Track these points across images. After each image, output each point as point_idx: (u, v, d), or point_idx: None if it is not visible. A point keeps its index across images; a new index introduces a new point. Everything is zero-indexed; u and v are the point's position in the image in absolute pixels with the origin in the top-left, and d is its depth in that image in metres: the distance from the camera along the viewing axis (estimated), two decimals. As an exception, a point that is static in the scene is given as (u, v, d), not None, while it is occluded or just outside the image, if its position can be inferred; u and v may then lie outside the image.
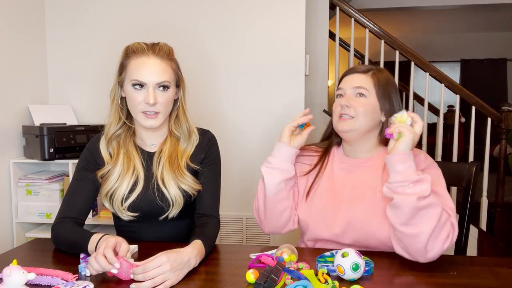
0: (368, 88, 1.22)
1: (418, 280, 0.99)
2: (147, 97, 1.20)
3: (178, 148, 1.31)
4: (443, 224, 1.04)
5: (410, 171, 1.06)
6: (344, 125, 1.22)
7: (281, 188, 1.25)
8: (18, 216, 2.22)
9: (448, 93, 3.12)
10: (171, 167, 1.27)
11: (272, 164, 1.26)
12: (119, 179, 1.26)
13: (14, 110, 2.24)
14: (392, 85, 1.27)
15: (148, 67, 1.21)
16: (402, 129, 1.09)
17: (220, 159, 1.38)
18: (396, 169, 1.07)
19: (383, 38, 3.15)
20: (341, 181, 1.26)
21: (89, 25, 2.47)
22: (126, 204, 1.25)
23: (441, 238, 1.04)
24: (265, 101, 2.40)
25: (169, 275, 0.96)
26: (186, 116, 1.32)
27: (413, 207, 1.03)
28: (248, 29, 2.38)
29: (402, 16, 5.58)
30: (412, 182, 1.04)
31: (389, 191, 1.08)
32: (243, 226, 2.46)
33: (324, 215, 1.24)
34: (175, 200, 1.26)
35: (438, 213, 1.03)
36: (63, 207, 1.27)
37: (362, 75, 1.24)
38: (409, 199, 1.03)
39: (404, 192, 1.04)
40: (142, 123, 1.24)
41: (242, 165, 2.43)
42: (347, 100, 1.22)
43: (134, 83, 1.21)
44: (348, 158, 1.29)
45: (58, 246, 1.21)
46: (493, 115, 2.98)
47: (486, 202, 3.01)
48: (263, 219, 1.30)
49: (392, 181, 1.07)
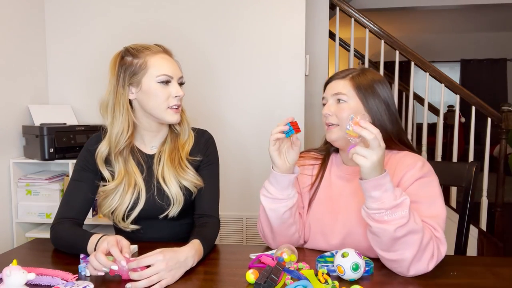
0: (346, 92, 1.17)
1: (418, 280, 0.99)
2: (176, 90, 1.23)
3: (179, 142, 1.31)
4: (425, 245, 0.99)
5: (386, 196, 0.97)
6: (332, 134, 1.18)
7: (287, 216, 1.17)
8: (18, 216, 2.22)
9: (448, 93, 3.12)
10: (172, 164, 1.27)
11: (272, 194, 1.16)
12: (120, 198, 1.25)
13: (14, 110, 2.23)
14: (378, 83, 1.19)
15: (171, 62, 1.26)
16: (357, 159, 0.97)
17: (218, 160, 1.37)
18: (371, 195, 0.99)
19: (383, 38, 3.15)
20: (339, 189, 1.23)
21: (89, 25, 2.47)
22: (128, 221, 1.26)
23: (425, 260, 1.00)
24: (265, 101, 2.40)
25: (164, 274, 0.96)
26: (185, 113, 1.33)
27: (391, 238, 0.98)
28: (248, 29, 2.38)
29: (402, 16, 5.58)
30: (389, 209, 0.97)
31: (366, 216, 1.01)
32: (243, 226, 2.46)
33: (322, 226, 1.21)
34: (176, 198, 1.25)
35: (419, 239, 0.98)
36: (62, 208, 1.26)
37: (340, 81, 1.20)
38: (387, 229, 0.97)
39: (382, 220, 0.98)
40: (168, 119, 1.24)
41: (242, 165, 2.43)
42: (328, 108, 1.19)
43: (162, 79, 1.22)
44: (345, 166, 1.25)
45: (58, 246, 1.21)
46: (493, 115, 2.98)
47: (486, 202, 3.01)
48: (272, 242, 1.24)
49: (368, 207, 1.00)
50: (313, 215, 1.24)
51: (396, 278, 1.01)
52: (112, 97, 1.24)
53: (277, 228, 1.18)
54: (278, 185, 1.15)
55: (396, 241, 0.98)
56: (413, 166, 1.12)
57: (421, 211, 1.05)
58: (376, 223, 0.99)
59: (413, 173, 1.11)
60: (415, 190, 1.08)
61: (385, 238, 0.98)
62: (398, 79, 3.23)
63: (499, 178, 2.95)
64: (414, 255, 0.98)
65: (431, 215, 1.06)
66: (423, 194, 1.08)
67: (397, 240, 0.98)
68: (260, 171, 2.38)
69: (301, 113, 2.39)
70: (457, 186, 2.58)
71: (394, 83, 3.21)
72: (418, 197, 1.07)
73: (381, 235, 0.99)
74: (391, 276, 1.02)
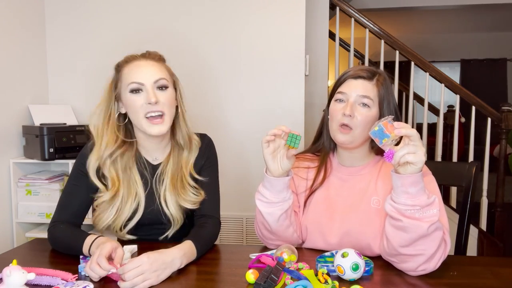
0: (373, 98, 1.14)
1: (418, 280, 0.99)
2: (147, 97, 1.16)
3: (181, 159, 1.28)
4: (440, 244, 1.00)
5: (421, 194, 0.96)
6: (346, 138, 1.15)
7: (283, 218, 1.15)
8: (18, 216, 2.22)
9: (448, 93, 3.12)
10: (174, 188, 1.24)
11: (267, 198, 1.14)
12: (119, 210, 1.23)
13: (14, 110, 2.23)
14: (391, 89, 1.20)
15: (143, 67, 1.20)
16: (408, 158, 0.93)
17: (217, 161, 1.37)
18: (407, 191, 0.96)
19: (383, 38, 3.15)
20: (336, 190, 1.23)
21: (89, 25, 2.47)
22: (125, 230, 1.25)
23: (436, 259, 1.00)
24: (265, 101, 2.40)
25: (148, 275, 0.96)
26: (185, 121, 1.28)
27: (421, 234, 0.97)
28: (248, 29, 2.38)
29: (402, 16, 5.58)
30: (424, 206, 0.96)
31: (395, 212, 0.99)
32: (243, 226, 2.46)
33: (320, 226, 1.20)
34: (176, 220, 1.25)
35: (441, 235, 0.99)
36: (59, 210, 1.25)
37: (367, 83, 1.15)
38: (420, 226, 0.96)
39: (413, 216, 0.96)
40: (149, 131, 1.18)
41: (242, 165, 2.43)
42: (351, 109, 1.13)
43: (132, 88, 1.18)
44: (343, 167, 1.25)
45: (56, 248, 1.21)
46: (493, 115, 2.98)
47: (486, 202, 3.01)
48: (271, 242, 1.23)
49: (400, 203, 0.97)
50: (311, 214, 1.23)
51: (396, 277, 1.01)
52: (102, 109, 1.24)
53: (275, 230, 1.18)
54: (273, 189, 1.13)
55: (424, 237, 0.97)
56: None
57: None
58: (408, 219, 0.97)
59: None
60: None
61: (415, 234, 0.97)
62: (398, 79, 3.23)
63: (499, 178, 2.95)
64: (434, 251, 0.98)
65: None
66: None
67: (425, 237, 0.97)
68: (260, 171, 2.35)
69: (301, 113, 2.39)
70: (457, 186, 2.58)
71: (394, 83, 3.21)
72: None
73: (412, 231, 0.97)
74: (391, 276, 1.02)
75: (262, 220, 1.17)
